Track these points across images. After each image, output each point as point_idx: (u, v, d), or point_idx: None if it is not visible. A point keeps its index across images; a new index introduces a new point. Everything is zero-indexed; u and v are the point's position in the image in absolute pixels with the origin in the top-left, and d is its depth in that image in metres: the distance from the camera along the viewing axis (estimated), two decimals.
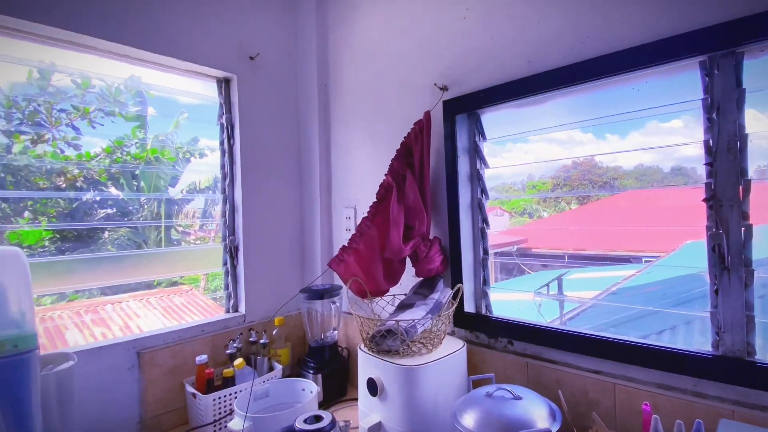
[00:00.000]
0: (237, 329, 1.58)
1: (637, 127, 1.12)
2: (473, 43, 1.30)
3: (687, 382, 0.91)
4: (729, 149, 0.87)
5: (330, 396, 1.49)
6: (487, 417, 0.86)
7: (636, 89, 1.03)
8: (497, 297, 1.35)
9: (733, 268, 0.87)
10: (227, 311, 1.67)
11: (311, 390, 1.26)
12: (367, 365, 1.15)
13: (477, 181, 1.36)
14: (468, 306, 1.33)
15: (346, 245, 1.34)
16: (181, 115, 2.31)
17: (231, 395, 1.31)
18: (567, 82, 1.08)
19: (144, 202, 2.26)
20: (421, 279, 1.35)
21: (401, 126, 1.48)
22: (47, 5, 1.18)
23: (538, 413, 0.86)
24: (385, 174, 1.37)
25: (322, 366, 1.50)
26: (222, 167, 1.68)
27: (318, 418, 0.97)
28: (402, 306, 1.26)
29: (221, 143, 1.68)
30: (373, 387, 1.10)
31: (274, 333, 1.61)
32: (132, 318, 2.75)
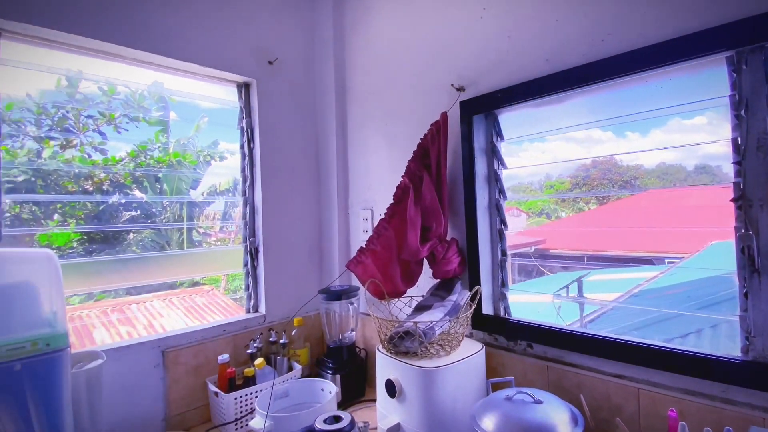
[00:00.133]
0: (257, 329, 1.61)
1: (659, 125, 1.09)
2: (490, 43, 1.29)
3: (715, 388, 0.89)
4: (759, 147, 0.84)
5: (348, 396, 1.50)
6: (507, 421, 0.85)
7: (659, 87, 1.00)
8: (515, 299, 1.34)
9: (764, 270, 0.84)
10: (248, 311, 1.70)
11: (330, 390, 1.27)
12: (386, 366, 1.16)
13: (495, 182, 1.35)
14: (486, 308, 1.32)
15: (363, 247, 1.34)
16: (202, 119, 2.36)
17: (252, 394, 1.34)
18: (587, 80, 1.06)
19: (167, 204, 2.32)
20: (439, 280, 1.35)
21: (418, 127, 1.48)
22: (76, 16, 1.23)
23: (559, 418, 0.85)
24: (402, 175, 1.37)
25: (340, 366, 1.51)
26: (242, 170, 1.71)
27: (337, 418, 0.98)
28: (419, 307, 1.26)
29: (241, 147, 1.71)
30: (392, 388, 1.10)
31: (293, 333, 1.63)
32: (156, 317, 2.83)
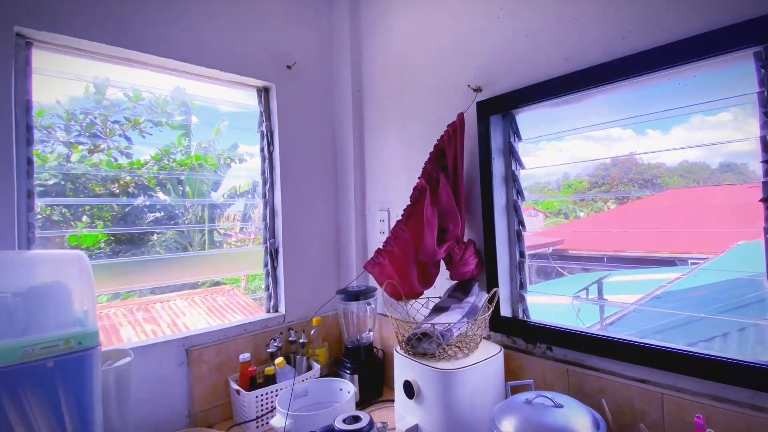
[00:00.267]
0: (277, 329, 1.64)
1: (681, 122, 1.06)
2: (507, 43, 1.28)
3: (743, 394, 0.86)
4: None
5: (366, 396, 1.51)
6: (527, 424, 0.84)
7: (683, 84, 0.97)
8: (533, 300, 1.32)
9: None
10: (268, 311, 1.73)
11: (348, 390, 1.28)
12: (403, 367, 1.16)
13: (512, 183, 1.34)
14: (504, 310, 1.31)
15: (380, 248, 1.35)
16: (222, 123, 2.41)
17: (272, 393, 1.37)
18: (607, 79, 1.04)
19: (189, 206, 2.38)
20: (456, 282, 1.35)
21: (434, 128, 1.48)
22: (103, 25, 1.28)
23: (580, 422, 0.83)
24: (419, 177, 1.37)
25: (358, 366, 1.52)
26: (263, 173, 1.75)
27: (356, 418, 0.99)
28: (437, 309, 1.26)
29: (261, 150, 1.75)
30: (410, 389, 1.11)
31: (312, 333, 1.65)
32: (179, 316, 2.91)
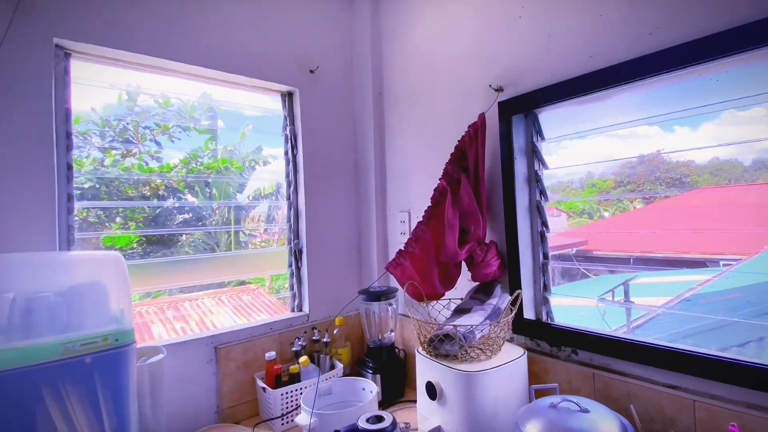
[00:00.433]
0: (301, 328, 1.67)
1: (711, 118, 1.02)
2: (530, 42, 1.26)
3: None
4: None
5: (388, 396, 1.52)
6: (553, 429, 0.83)
7: (714, 80, 0.94)
8: (557, 302, 1.30)
9: None
10: (292, 310, 1.77)
11: (371, 390, 1.30)
12: (425, 368, 1.17)
13: (535, 183, 1.32)
14: (527, 312, 1.29)
15: (402, 249, 1.35)
16: (246, 127, 2.47)
17: (297, 391, 1.40)
18: (634, 77, 1.01)
19: (216, 208, 2.45)
20: (478, 284, 1.34)
21: (455, 129, 1.47)
22: (136, 36, 1.34)
23: (607, 428, 0.82)
24: (440, 178, 1.37)
25: (380, 366, 1.54)
26: (287, 175, 1.79)
27: (379, 418, 1.01)
28: (458, 311, 1.26)
29: (285, 153, 1.79)
30: (432, 391, 1.11)
31: (335, 332, 1.68)
32: (207, 314, 3.01)
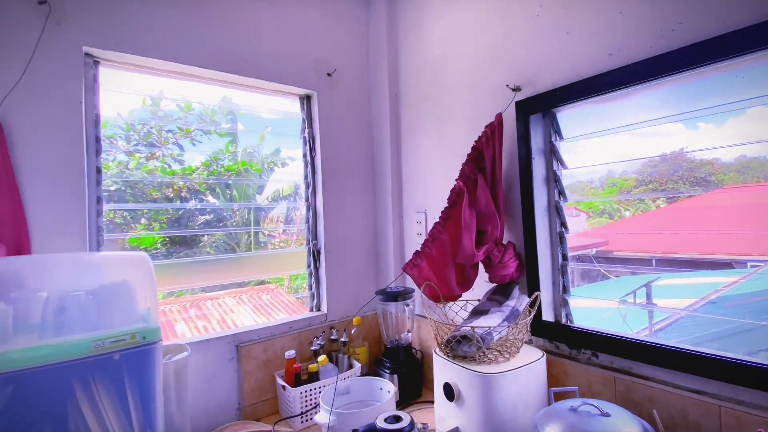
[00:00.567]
0: (319, 327, 1.69)
1: (737, 114, 0.99)
2: (548, 41, 1.25)
3: None
4: None
5: (405, 397, 1.53)
6: None
7: (740, 76, 0.91)
8: (577, 304, 1.28)
9: None
10: (311, 310, 1.80)
11: (389, 390, 1.31)
12: (443, 369, 1.17)
13: (554, 183, 1.31)
14: (546, 314, 1.28)
15: (419, 250, 1.36)
16: (266, 129, 2.51)
17: (316, 389, 1.42)
18: (656, 74, 0.99)
19: (236, 209, 2.50)
20: (495, 285, 1.33)
21: (472, 130, 1.47)
22: (161, 43, 1.39)
23: None
24: (456, 179, 1.37)
25: (398, 367, 1.54)
26: (305, 177, 1.82)
27: (397, 418, 1.01)
28: (476, 312, 1.26)
29: (304, 155, 1.82)
30: (450, 392, 1.11)
31: (352, 332, 1.69)
32: (228, 313, 3.08)
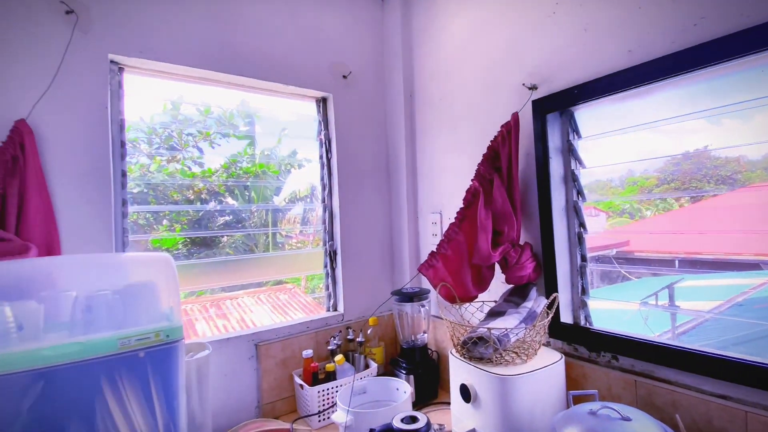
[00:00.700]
0: (336, 327, 1.71)
1: (763, 110, 0.95)
2: (565, 38, 1.23)
3: None
4: None
5: (421, 397, 1.53)
6: None
7: (767, 72, 0.88)
8: (596, 305, 1.26)
9: None
10: (327, 310, 1.82)
11: (405, 390, 1.31)
12: (459, 371, 1.17)
13: (572, 183, 1.29)
14: (565, 316, 1.26)
15: (434, 251, 1.36)
16: (283, 132, 2.54)
17: (333, 389, 1.44)
18: (677, 70, 0.96)
19: (254, 210, 2.54)
20: (512, 286, 1.32)
21: (487, 130, 1.46)
22: (183, 50, 1.43)
23: None
24: (472, 179, 1.36)
25: (414, 367, 1.55)
26: (321, 179, 1.85)
27: (414, 418, 1.02)
28: (492, 313, 1.25)
29: (320, 157, 1.84)
30: (466, 393, 1.11)
31: (369, 332, 1.71)
32: (247, 312, 3.14)
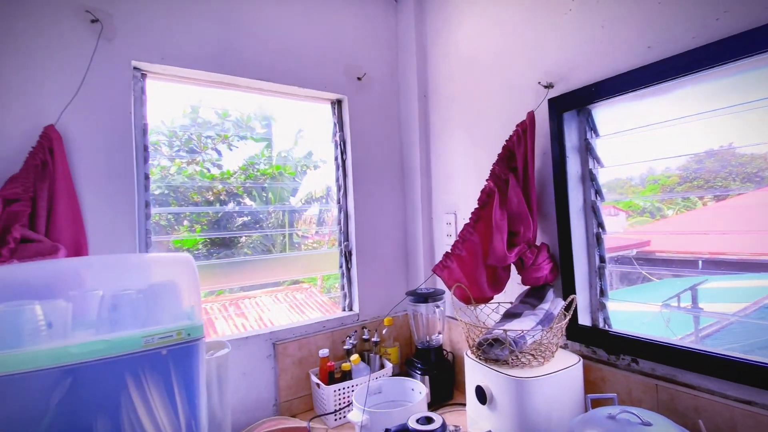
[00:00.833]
0: (352, 327, 1.73)
1: None
2: (581, 35, 1.21)
3: None
4: None
5: (437, 398, 1.53)
6: None
7: None
8: (616, 307, 1.24)
9: None
10: (343, 310, 1.83)
11: (420, 391, 1.31)
12: (475, 372, 1.16)
13: (590, 182, 1.27)
14: (583, 318, 1.24)
15: (449, 251, 1.36)
16: (299, 133, 2.56)
17: (348, 388, 1.45)
18: (700, 66, 0.94)
19: (272, 211, 2.58)
20: (528, 288, 1.31)
21: (502, 129, 1.45)
22: (204, 56, 1.47)
23: None
24: (487, 179, 1.36)
25: (429, 368, 1.55)
26: (336, 180, 1.87)
27: (429, 419, 1.02)
28: (508, 315, 1.24)
29: (335, 159, 1.86)
30: (482, 395, 1.11)
31: (384, 332, 1.72)
32: (264, 311, 3.19)
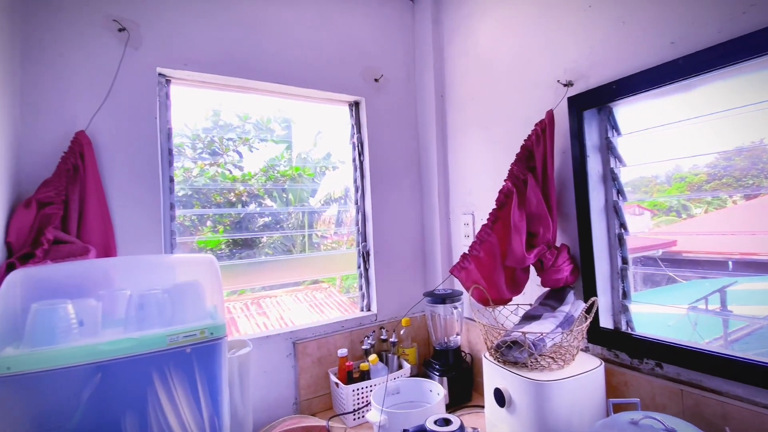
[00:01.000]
0: (370, 327, 1.74)
1: None
2: (602, 32, 1.18)
3: None
4: None
5: (455, 400, 1.52)
6: None
7: None
8: (639, 309, 1.20)
9: None
10: (361, 310, 1.85)
11: (438, 392, 1.31)
12: (493, 374, 1.15)
13: (611, 181, 1.24)
14: (604, 321, 1.22)
15: (466, 252, 1.35)
16: (318, 135, 2.60)
17: (367, 388, 1.46)
18: (725, 62, 0.91)
19: (292, 212, 2.62)
20: (548, 289, 1.29)
21: (521, 129, 1.43)
22: (226, 61, 1.51)
23: None
24: (505, 180, 1.34)
25: (447, 369, 1.54)
26: (354, 181, 1.89)
27: (447, 421, 1.02)
28: (528, 317, 1.22)
29: (353, 160, 1.88)
30: (501, 397, 1.10)
31: (401, 333, 1.72)
32: (285, 311, 3.25)
